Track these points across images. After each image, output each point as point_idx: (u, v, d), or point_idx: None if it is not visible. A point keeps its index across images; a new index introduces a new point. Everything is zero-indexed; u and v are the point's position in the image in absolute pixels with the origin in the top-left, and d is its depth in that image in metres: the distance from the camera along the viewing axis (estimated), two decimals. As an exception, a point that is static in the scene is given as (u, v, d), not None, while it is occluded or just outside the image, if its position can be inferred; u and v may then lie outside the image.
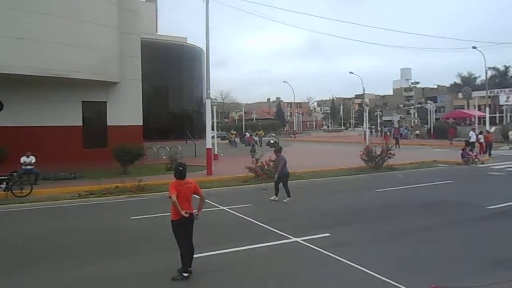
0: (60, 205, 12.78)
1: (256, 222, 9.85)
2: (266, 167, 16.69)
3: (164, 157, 22.74)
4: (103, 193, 14.04)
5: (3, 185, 13.90)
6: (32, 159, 16.17)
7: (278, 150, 13.30)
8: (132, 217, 10.65)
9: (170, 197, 6.13)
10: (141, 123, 23.10)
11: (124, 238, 8.94)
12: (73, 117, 20.76)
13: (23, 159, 16.00)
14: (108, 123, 22.02)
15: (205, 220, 10.02)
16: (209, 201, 12.23)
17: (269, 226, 9.40)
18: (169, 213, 6.45)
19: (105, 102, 21.97)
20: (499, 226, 9.53)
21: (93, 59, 19.65)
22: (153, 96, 28.33)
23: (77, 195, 14.00)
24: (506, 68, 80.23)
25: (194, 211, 6.39)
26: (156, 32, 35.51)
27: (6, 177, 14.18)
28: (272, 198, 12.70)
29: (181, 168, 6.42)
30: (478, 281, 5.88)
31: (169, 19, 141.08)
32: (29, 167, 15.99)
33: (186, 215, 6.14)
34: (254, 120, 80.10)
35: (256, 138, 39.53)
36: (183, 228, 6.27)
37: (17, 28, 17.32)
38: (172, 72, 31.43)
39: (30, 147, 16.48)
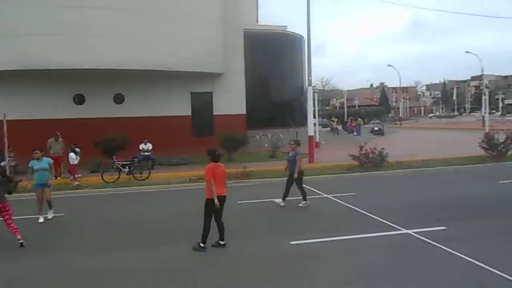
0: (173, 189, 13.92)
1: (362, 212, 9.49)
2: (371, 155, 16.03)
3: (266, 145, 23.20)
4: (211, 178, 14.79)
5: (126, 169, 15.49)
6: (149, 146, 17.70)
7: (297, 143, 10.97)
8: (238, 201, 10.87)
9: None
10: (244, 112, 23.84)
11: (231, 220, 9.29)
12: (183, 108, 22.25)
13: (141, 146, 17.62)
14: (214, 113, 23.15)
15: (309, 208, 9.99)
16: (312, 189, 12.14)
17: (376, 216, 8.99)
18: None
19: (211, 93, 23.11)
20: None
21: (200, 52, 20.68)
22: (255, 85, 28.88)
23: (188, 179, 15.04)
24: None
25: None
26: (257, 23, 36.06)
27: (128, 162, 15.78)
28: (279, 202, 10.11)
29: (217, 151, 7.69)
30: None
31: (268, 9, 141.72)
32: (146, 153, 17.58)
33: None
34: (357, 107, 77.34)
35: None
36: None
37: (132, 29, 18.90)
38: (273, 61, 31.69)
39: (147, 135, 18.10)
